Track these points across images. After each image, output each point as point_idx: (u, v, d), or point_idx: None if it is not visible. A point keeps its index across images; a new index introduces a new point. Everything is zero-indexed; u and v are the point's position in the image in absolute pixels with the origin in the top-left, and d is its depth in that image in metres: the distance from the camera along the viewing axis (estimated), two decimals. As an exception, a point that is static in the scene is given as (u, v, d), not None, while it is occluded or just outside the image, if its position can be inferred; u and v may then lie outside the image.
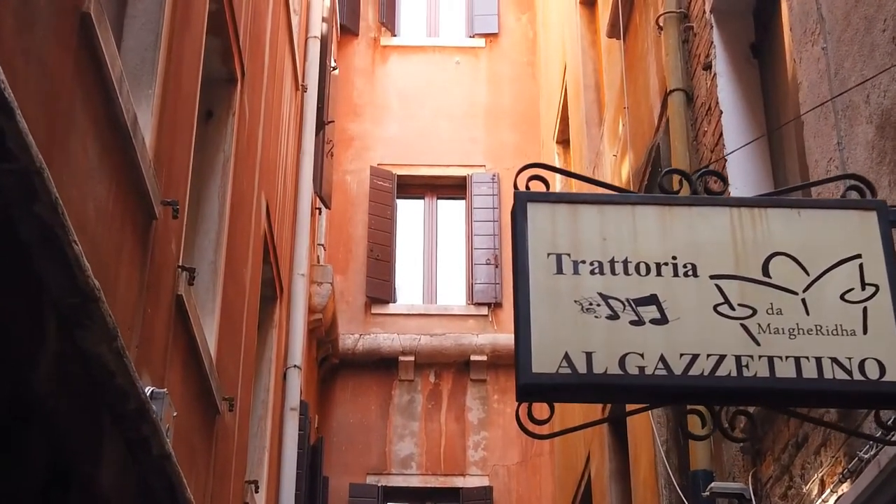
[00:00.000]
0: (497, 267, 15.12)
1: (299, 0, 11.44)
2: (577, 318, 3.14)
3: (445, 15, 17.24)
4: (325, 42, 12.20)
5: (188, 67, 6.08)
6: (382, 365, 14.63)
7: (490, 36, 16.65)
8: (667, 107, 7.44)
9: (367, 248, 15.16)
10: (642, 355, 3.12)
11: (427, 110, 16.13)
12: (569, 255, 3.21)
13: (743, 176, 6.30)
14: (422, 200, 16.01)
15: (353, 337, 14.58)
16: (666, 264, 3.25)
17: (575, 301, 3.16)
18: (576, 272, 3.21)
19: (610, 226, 3.26)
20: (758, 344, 3.20)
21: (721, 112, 6.48)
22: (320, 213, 13.64)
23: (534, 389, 3.10)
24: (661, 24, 7.34)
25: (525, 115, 16.11)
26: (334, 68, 13.36)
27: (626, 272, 3.23)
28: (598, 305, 3.16)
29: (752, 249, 3.28)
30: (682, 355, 3.14)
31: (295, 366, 10.47)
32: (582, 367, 3.09)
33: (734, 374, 3.16)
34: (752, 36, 6.69)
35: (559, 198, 3.42)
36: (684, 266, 3.25)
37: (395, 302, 15.14)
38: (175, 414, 5.29)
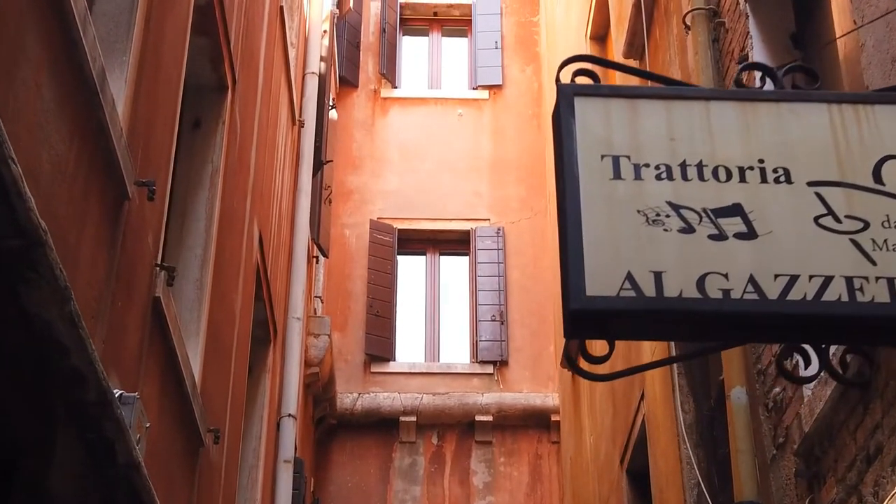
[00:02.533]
0: (502, 324, 14.42)
1: (296, 33, 10.90)
2: (641, 232, 2.48)
3: (447, 66, 16.75)
4: (322, 80, 11.65)
5: (171, 46, 5.47)
6: (382, 426, 13.85)
7: (494, 88, 16.13)
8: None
9: (367, 304, 14.47)
10: (726, 276, 2.47)
11: (429, 163, 15.55)
12: (628, 157, 2.57)
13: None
14: (423, 256, 15.35)
15: (352, 396, 13.83)
16: (751, 169, 2.60)
17: (638, 211, 2.51)
18: (638, 177, 2.56)
19: (679, 124, 2.61)
20: (873, 263, 2.53)
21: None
22: (317, 261, 12.97)
23: (587, 317, 2.44)
24: (689, 22, 6.74)
25: (531, 167, 15.52)
26: (332, 106, 12.79)
27: (700, 178, 2.57)
28: (668, 216, 2.51)
29: (858, 152, 2.64)
30: (777, 276, 2.48)
31: (290, 415, 9.74)
32: (650, 289, 2.43)
33: (845, 298, 2.49)
34: (793, 26, 6.09)
35: (614, 91, 2.78)
36: (775, 171, 2.59)
37: (395, 360, 14.40)
38: (148, 425, 4.59)
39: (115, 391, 4.11)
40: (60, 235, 3.63)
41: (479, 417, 13.83)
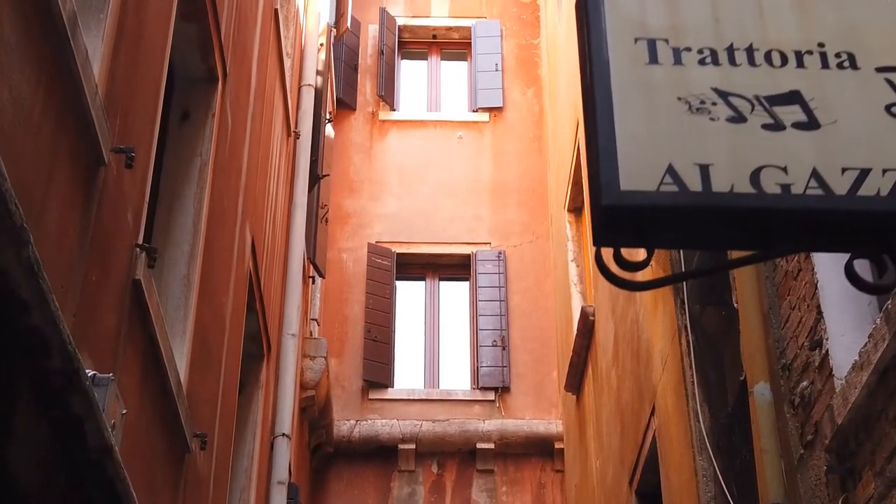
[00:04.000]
0: (504, 349, 14.01)
1: (292, 43, 10.58)
2: (683, 121, 2.12)
3: (447, 89, 16.44)
4: (319, 94, 11.32)
5: (154, 16, 5.12)
6: (380, 454, 13.40)
7: (494, 110, 15.81)
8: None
9: (365, 329, 14.06)
10: (785, 169, 2.11)
11: (428, 186, 15.20)
12: (666, 40, 2.21)
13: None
14: (423, 282, 14.96)
15: (349, 423, 13.39)
16: (809, 53, 2.24)
17: (679, 99, 2.15)
18: (678, 62, 2.19)
19: (724, 4, 2.26)
20: (955, 155, 2.17)
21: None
22: (313, 282, 12.59)
23: (622, 215, 2.07)
24: None
25: (532, 191, 15.17)
26: (329, 120, 12.46)
27: (751, 62, 2.21)
28: (714, 104, 2.15)
29: (933, 34, 2.27)
30: (845, 170, 2.12)
31: (284, 434, 9.32)
32: (695, 184, 2.07)
33: (925, 194, 2.12)
34: None
35: (647, -35, 2.40)
36: (837, 56, 2.24)
37: (393, 386, 13.97)
38: (124, 412, 4.20)
39: (87, 370, 3.73)
40: (21, 183, 3.26)
41: (480, 445, 13.40)
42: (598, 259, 2.13)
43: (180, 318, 5.95)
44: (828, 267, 5.02)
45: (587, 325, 11.18)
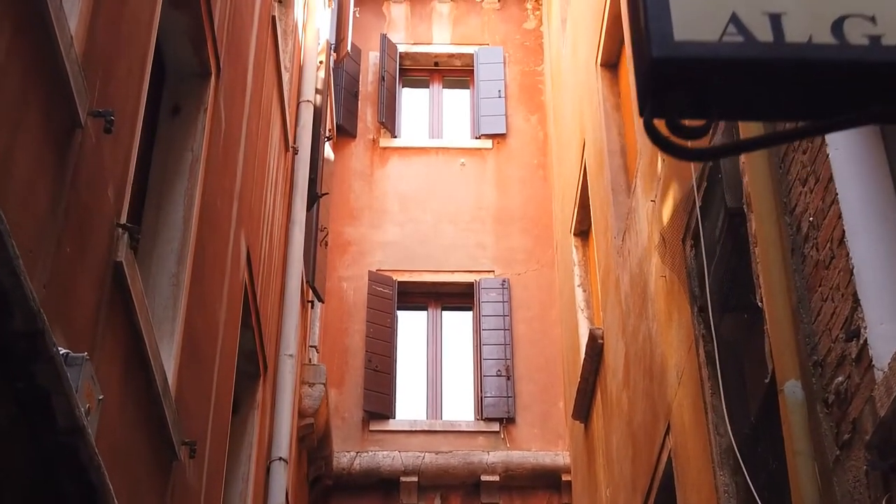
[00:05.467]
0: (509, 379, 13.60)
1: (290, 57, 10.28)
2: (747, -39, 1.77)
3: (449, 115, 16.13)
4: (318, 111, 11.01)
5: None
6: (382, 487, 12.95)
7: (497, 137, 15.49)
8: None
9: (365, 359, 13.66)
10: (873, 19, 1.75)
11: (430, 214, 14.85)
12: None
13: (844, 134, 4.96)
14: (424, 312, 14.57)
15: (349, 455, 12.96)
16: None
17: (741, -66, 1.79)
18: None
19: None
20: None
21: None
22: (312, 306, 12.20)
23: (675, 72, 1.70)
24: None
25: (536, 218, 14.82)
26: (329, 138, 12.13)
27: None
28: (787, -56, 1.79)
29: None
30: (945, 19, 1.76)
31: (281, 458, 8.91)
32: (765, 34, 1.71)
33: None
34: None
35: None
36: None
37: (395, 417, 13.54)
38: (101, 398, 3.81)
39: (58, 348, 3.36)
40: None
41: (484, 478, 12.95)
42: (649, 126, 1.77)
43: (168, 318, 5.58)
44: (864, 252, 4.67)
45: (595, 349, 10.80)
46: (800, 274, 5.24)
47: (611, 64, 10.85)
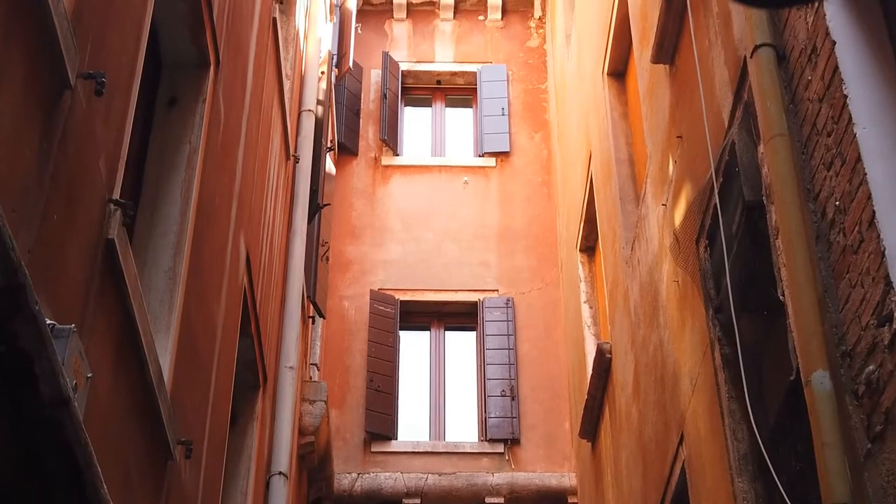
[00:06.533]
0: (513, 399, 13.33)
1: (291, 65, 10.08)
2: None
3: (452, 133, 15.93)
4: (319, 122, 10.81)
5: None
6: (384, 509, 12.67)
7: (501, 155, 15.27)
8: (745, 82, 5.97)
9: (367, 379, 13.39)
10: None
11: (432, 232, 14.61)
12: None
13: (872, 111, 4.74)
14: (427, 332, 14.31)
15: (351, 476, 12.67)
16: None
17: None
18: None
19: None
20: None
21: (833, 43, 4.95)
22: (313, 322, 11.95)
23: None
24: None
25: (540, 236, 14.59)
26: (330, 149, 11.92)
27: None
28: None
29: None
30: None
31: (280, 473, 8.64)
32: None
33: None
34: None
35: None
36: None
37: (397, 438, 13.25)
38: (90, 375, 3.57)
39: (45, 318, 3.11)
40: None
41: (489, 500, 12.66)
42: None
43: (164, 313, 5.34)
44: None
45: (603, 364, 10.55)
46: (825, 262, 5.00)
47: (618, 72, 10.66)
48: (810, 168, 5.21)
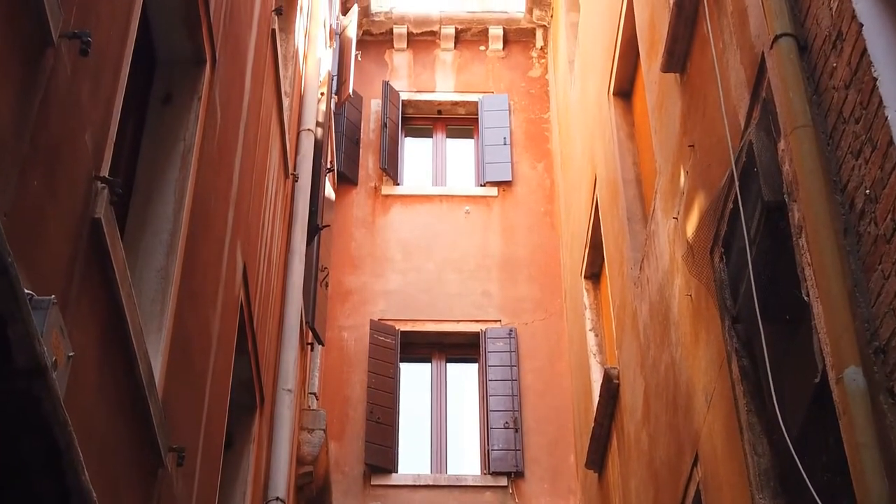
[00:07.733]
0: (517, 431, 12.99)
1: (290, 82, 9.86)
2: None
3: (453, 163, 15.69)
4: (319, 143, 10.57)
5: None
6: (384, 544, 12.31)
7: (503, 184, 15.03)
8: (762, 80, 5.74)
9: (367, 411, 13.06)
10: None
11: (433, 262, 14.34)
12: None
13: (903, 92, 4.49)
14: (428, 364, 14.00)
15: (350, 510, 12.32)
16: None
17: None
18: None
19: None
20: None
21: (861, 25, 4.71)
22: (312, 349, 11.65)
23: None
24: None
25: (544, 266, 14.32)
26: (330, 170, 11.67)
27: None
28: None
29: None
30: None
31: (278, 499, 8.31)
32: None
33: None
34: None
35: None
36: None
37: (398, 472, 12.90)
38: (72, 354, 3.29)
39: (23, 288, 2.83)
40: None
41: (492, 534, 12.31)
42: None
43: (156, 313, 5.07)
44: (931, 219, 4.19)
45: (611, 390, 10.25)
46: (855, 255, 4.73)
47: (623, 91, 10.45)
48: (836, 159, 4.96)
